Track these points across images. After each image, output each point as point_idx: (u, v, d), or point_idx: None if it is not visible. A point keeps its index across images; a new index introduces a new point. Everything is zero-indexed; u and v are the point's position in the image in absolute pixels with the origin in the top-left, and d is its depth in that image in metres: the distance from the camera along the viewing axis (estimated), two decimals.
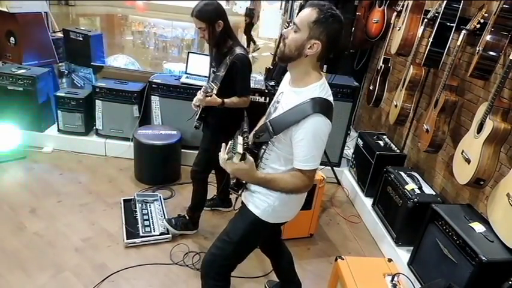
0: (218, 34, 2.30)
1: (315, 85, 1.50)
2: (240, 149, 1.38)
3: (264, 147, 1.61)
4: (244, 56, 2.32)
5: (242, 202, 1.78)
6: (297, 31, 1.43)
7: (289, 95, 1.56)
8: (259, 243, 2.05)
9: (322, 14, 1.39)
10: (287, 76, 1.66)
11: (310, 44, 1.43)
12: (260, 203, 1.66)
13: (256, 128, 1.67)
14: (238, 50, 2.31)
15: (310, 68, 1.51)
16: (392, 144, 3.32)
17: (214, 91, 2.31)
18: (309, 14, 1.41)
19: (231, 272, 1.84)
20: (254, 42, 4.56)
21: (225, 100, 2.32)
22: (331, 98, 1.53)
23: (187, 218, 2.77)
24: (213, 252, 1.76)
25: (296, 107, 1.47)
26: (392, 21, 3.54)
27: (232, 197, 2.99)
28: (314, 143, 1.46)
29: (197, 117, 2.46)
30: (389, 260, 2.06)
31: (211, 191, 3.09)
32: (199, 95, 2.33)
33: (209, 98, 2.29)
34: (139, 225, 2.75)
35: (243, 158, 1.37)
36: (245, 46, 2.43)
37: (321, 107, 1.45)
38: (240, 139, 1.45)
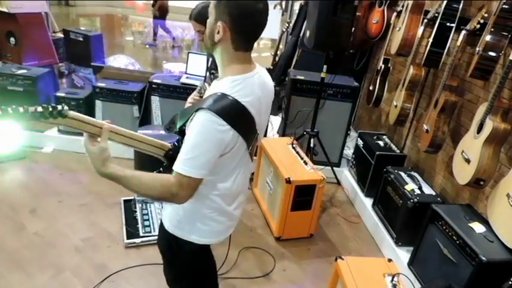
0: None
1: (227, 79, 1.26)
2: (39, 107, 1.12)
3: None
4: None
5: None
6: (210, 15, 1.25)
7: (209, 89, 1.36)
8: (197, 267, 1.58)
9: None
10: None
11: (218, 28, 1.22)
12: (170, 210, 1.45)
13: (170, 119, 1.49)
14: None
15: (228, 59, 1.28)
16: (392, 145, 3.32)
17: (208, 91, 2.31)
18: None
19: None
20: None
21: None
22: (247, 100, 1.24)
23: None
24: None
25: (202, 100, 1.28)
26: (392, 22, 3.54)
27: None
28: (195, 143, 1.19)
29: None
30: (389, 260, 2.06)
31: None
32: (194, 96, 2.32)
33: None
34: (139, 225, 2.75)
35: (43, 115, 1.14)
36: None
37: (215, 103, 1.18)
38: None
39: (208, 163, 1.21)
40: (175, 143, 1.40)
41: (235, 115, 1.21)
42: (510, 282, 1.83)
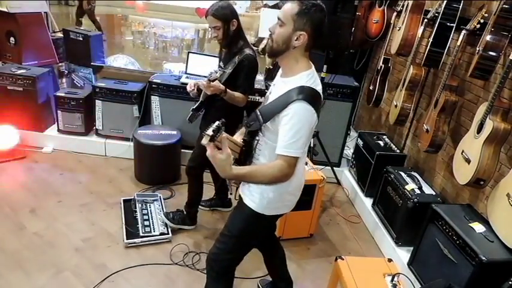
0: (232, 33, 2.38)
1: (302, 74, 1.53)
2: (210, 131, 1.35)
3: (257, 137, 1.64)
4: (253, 57, 2.39)
5: (240, 196, 1.80)
6: (282, 25, 1.48)
7: (279, 85, 1.60)
8: (263, 236, 2.06)
9: (303, 5, 1.45)
10: (280, 69, 1.69)
11: (297, 35, 1.47)
12: (255, 195, 1.69)
13: (248, 118, 1.70)
14: (247, 51, 2.37)
15: (299, 58, 1.54)
16: (392, 144, 3.32)
17: (218, 75, 2.32)
18: (291, 7, 1.46)
19: (235, 265, 1.88)
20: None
21: (228, 90, 2.33)
22: (319, 88, 1.54)
23: (185, 212, 2.80)
24: (217, 246, 1.81)
25: (283, 94, 1.51)
26: (392, 21, 3.54)
27: (232, 196, 3.00)
28: (297, 129, 1.46)
29: (195, 106, 2.47)
30: (389, 260, 2.06)
31: (211, 192, 3.10)
32: (203, 81, 2.32)
33: (213, 83, 2.28)
34: (139, 225, 2.75)
35: (211, 139, 1.34)
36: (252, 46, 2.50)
37: (306, 94, 1.47)
38: (217, 122, 1.42)
39: (306, 142, 1.52)
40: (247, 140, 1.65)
41: (316, 101, 1.50)
42: (510, 282, 1.83)
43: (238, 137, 1.75)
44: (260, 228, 1.83)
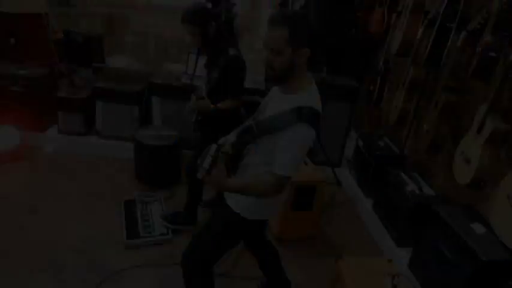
0: (211, 36, 2.24)
1: (303, 91, 1.51)
2: (206, 164, 1.40)
3: (248, 147, 1.63)
4: (236, 57, 2.29)
5: (224, 196, 1.78)
6: (279, 54, 1.43)
7: (279, 100, 1.57)
8: (242, 239, 2.02)
9: (290, 25, 1.39)
10: None
11: (298, 54, 1.44)
12: (237, 198, 1.67)
13: (241, 127, 1.68)
14: (231, 51, 2.28)
15: (299, 72, 1.51)
16: (392, 145, 3.32)
17: (204, 93, 2.29)
18: (279, 33, 1.40)
19: (211, 265, 1.83)
20: None
21: (218, 105, 2.29)
22: (319, 106, 1.52)
23: (185, 213, 2.81)
24: (192, 246, 1.78)
25: (283, 113, 1.48)
26: (392, 22, 3.54)
27: None
28: (296, 152, 1.49)
29: (193, 120, 2.47)
30: (390, 261, 2.06)
31: (211, 192, 3.10)
32: (192, 98, 2.31)
33: (201, 101, 2.26)
34: (140, 225, 2.75)
35: (208, 172, 1.41)
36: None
37: (307, 115, 1.45)
38: (212, 149, 1.45)
39: (300, 164, 1.55)
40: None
41: (317, 121, 1.49)
42: (510, 283, 1.83)
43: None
44: (239, 231, 1.79)
